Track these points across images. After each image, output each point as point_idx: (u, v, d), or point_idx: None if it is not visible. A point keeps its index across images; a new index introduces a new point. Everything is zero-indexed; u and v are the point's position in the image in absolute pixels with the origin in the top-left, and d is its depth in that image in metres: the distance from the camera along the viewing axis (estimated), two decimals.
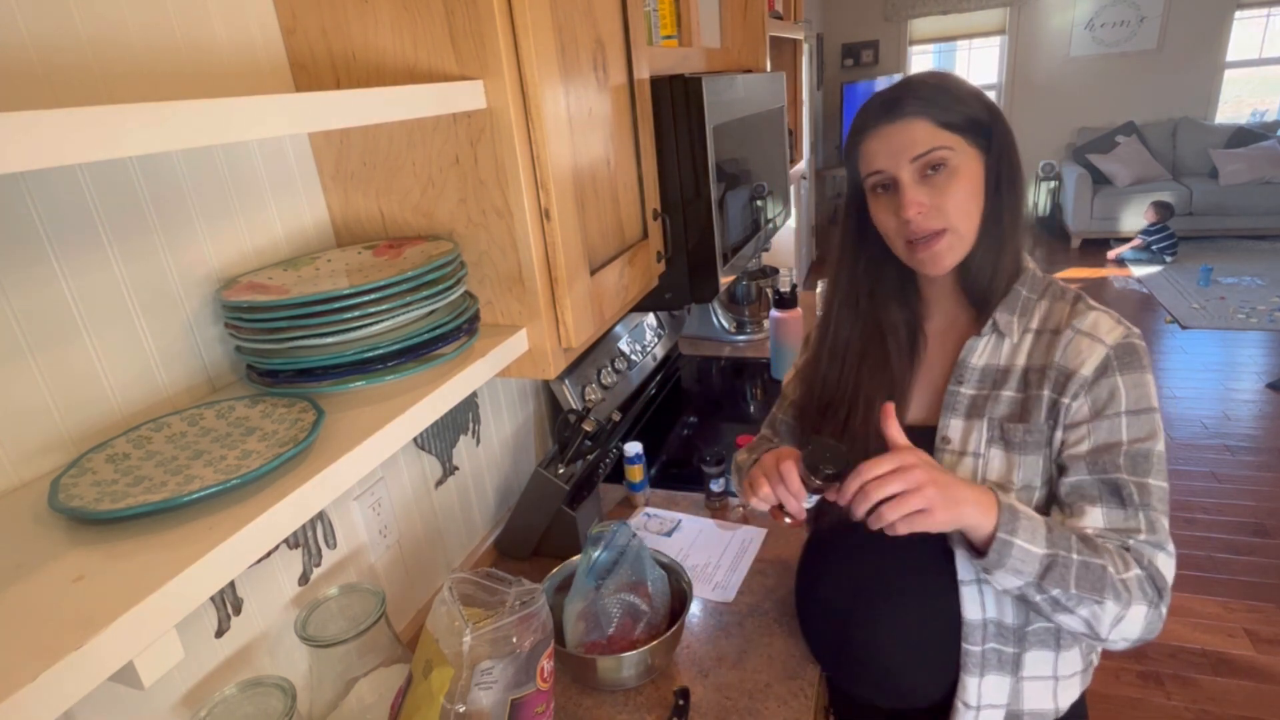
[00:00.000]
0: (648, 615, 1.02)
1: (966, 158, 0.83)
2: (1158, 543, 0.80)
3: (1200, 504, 2.78)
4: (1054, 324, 0.86)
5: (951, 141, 0.82)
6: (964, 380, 0.88)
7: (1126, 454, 0.80)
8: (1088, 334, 0.83)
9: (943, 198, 0.82)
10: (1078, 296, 0.87)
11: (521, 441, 1.47)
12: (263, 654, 0.88)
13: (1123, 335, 0.82)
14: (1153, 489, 0.80)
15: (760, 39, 1.94)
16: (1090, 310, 0.85)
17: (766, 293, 2.24)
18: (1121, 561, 0.79)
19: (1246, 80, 6.22)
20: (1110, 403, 0.81)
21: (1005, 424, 0.85)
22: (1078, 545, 0.78)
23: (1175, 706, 1.99)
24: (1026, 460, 0.84)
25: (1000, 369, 0.87)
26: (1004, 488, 0.84)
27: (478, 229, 0.86)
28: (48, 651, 0.41)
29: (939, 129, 0.82)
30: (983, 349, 0.89)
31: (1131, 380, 0.81)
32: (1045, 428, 0.84)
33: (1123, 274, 5.43)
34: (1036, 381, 0.85)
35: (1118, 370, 0.81)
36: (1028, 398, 0.85)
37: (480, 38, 0.77)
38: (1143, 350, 0.82)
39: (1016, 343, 0.87)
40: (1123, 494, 0.80)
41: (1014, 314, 0.87)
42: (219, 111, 0.50)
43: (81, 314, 0.65)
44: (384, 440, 0.66)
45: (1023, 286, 0.88)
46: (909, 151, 0.82)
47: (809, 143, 5.44)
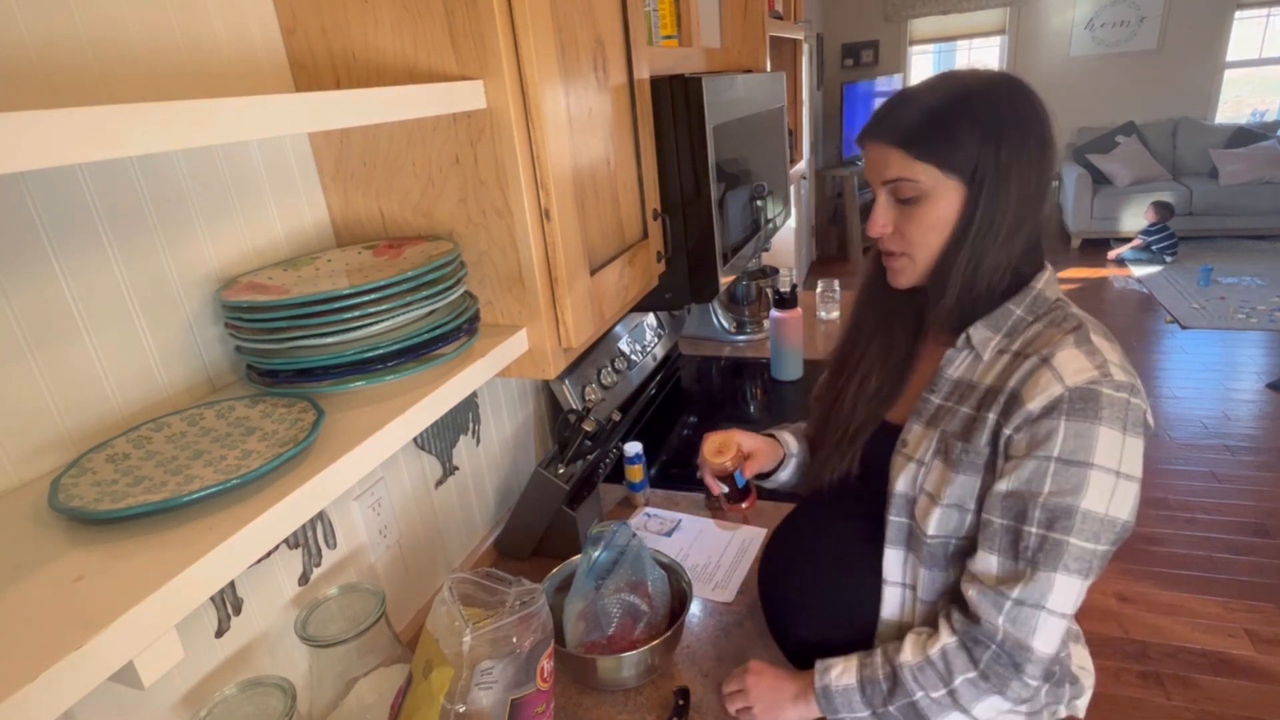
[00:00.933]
0: (648, 615, 1.02)
1: (941, 188, 0.80)
2: (1032, 600, 0.76)
3: (1200, 504, 2.78)
4: (1033, 350, 0.80)
5: (921, 173, 0.80)
6: (936, 389, 0.88)
7: (1043, 506, 0.75)
8: (1053, 369, 0.77)
9: (906, 223, 0.84)
10: (1076, 328, 0.80)
11: (521, 441, 1.47)
12: (263, 654, 0.88)
13: (1088, 380, 0.75)
14: (1064, 546, 0.75)
15: (760, 39, 1.94)
16: (1073, 346, 0.78)
17: (766, 293, 2.24)
18: (944, 670, 0.80)
19: (1246, 80, 6.22)
20: (1043, 444, 0.75)
21: (950, 439, 0.84)
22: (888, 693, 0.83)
23: (1175, 706, 1.99)
24: (960, 479, 0.82)
25: (969, 384, 0.85)
26: (934, 499, 0.84)
27: (478, 229, 0.86)
28: (48, 651, 0.41)
29: (910, 160, 0.80)
30: (960, 361, 0.87)
31: (1075, 429, 0.74)
32: (985, 451, 0.81)
33: (1123, 274, 5.43)
34: (988, 403, 0.81)
35: (1064, 415, 0.75)
36: (976, 418, 0.82)
37: (480, 38, 0.77)
38: (1106, 401, 0.74)
39: (989, 361, 0.84)
40: (1018, 546, 0.77)
41: (996, 332, 0.84)
42: (219, 111, 0.50)
43: (81, 314, 0.65)
44: (384, 440, 0.66)
45: (1017, 306, 0.84)
46: (880, 174, 0.83)
47: (809, 143, 5.45)
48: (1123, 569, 2.49)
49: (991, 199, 0.79)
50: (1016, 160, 0.78)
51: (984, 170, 0.78)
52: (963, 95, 0.79)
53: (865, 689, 0.85)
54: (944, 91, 0.80)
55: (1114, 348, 0.79)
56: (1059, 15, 6.22)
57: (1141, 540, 2.62)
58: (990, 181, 0.79)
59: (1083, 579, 0.76)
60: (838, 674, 0.87)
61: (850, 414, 0.97)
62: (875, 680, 0.84)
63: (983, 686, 0.79)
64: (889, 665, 0.84)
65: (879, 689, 0.84)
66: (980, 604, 0.79)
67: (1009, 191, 0.79)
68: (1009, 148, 0.78)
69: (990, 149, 0.78)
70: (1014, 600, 0.77)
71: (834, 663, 0.88)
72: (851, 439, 0.96)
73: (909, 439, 0.89)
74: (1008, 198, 0.79)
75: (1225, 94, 6.16)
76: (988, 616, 0.78)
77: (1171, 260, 5.47)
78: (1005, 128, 0.78)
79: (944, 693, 0.80)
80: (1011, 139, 0.78)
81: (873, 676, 0.85)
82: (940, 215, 0.81)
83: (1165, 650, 2.16)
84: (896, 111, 0.82)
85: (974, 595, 0.80)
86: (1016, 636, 0.77)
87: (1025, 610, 0.77)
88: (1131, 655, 2.15)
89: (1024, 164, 0.79)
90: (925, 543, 0.85)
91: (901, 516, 0.89)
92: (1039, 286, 0.85)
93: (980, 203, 0.79)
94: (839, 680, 0.86)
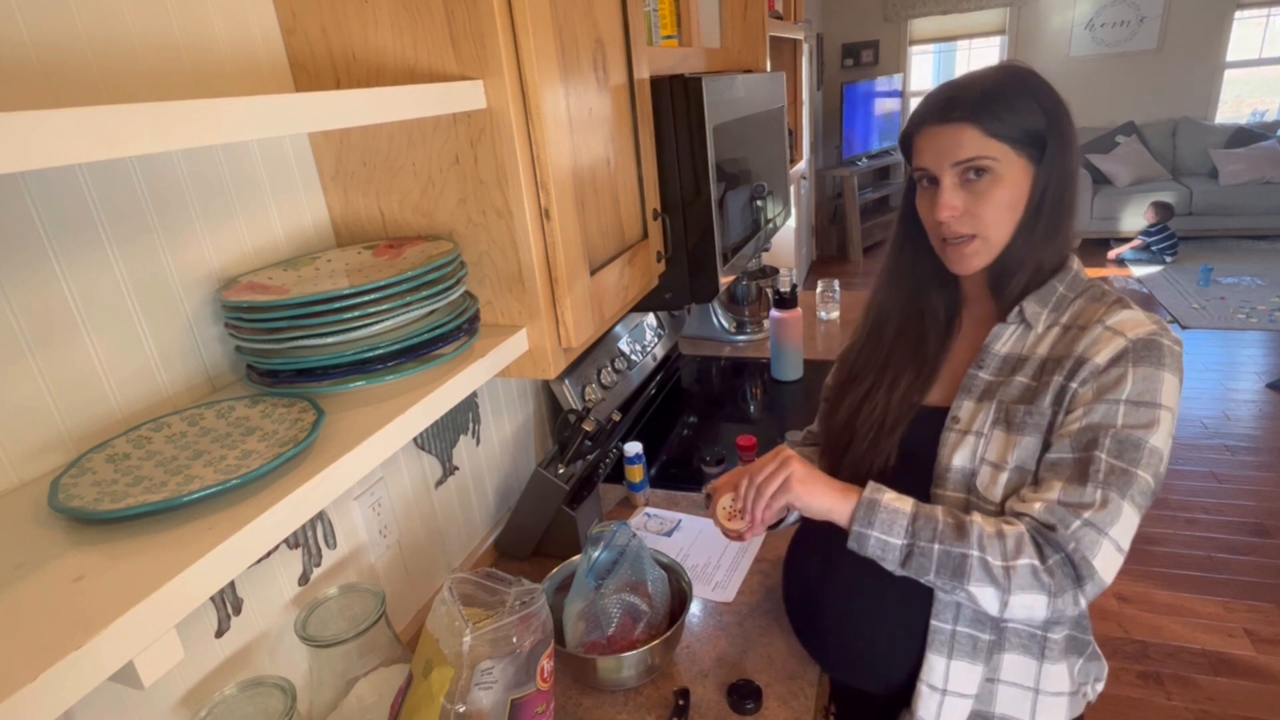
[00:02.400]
0: (648, 615, 1.02)
1: (1013, 168, 0.83)
2: (1101, 524, 0.77)
3: (1200, 504, 2.78)
4: (1084, 320, 0.85)
5: (997, 151, 0.83)
6: (984, 365, 0.90)
7: (1114, 437, 0.79)
8: (1113, 328, 0.82)
9: (979, 204, 0.85)
10: (1119, 299, 0.86)
11: (521, 441, 1.47)
12: (263, 654, 0.88)
13: (1149, 332, 0.81)
14: (1133, 477, 0.78)
15: (760, 39, 1.94)
16: (1124, 310, 0.84)
17: (766, 293, 2.24)
18: (1012, 547, 0.79)
19: (1246, 80, 6.22)
20: (1114, 389, 0.80)
21: (1010, 406, 0.86)
22: (942, 533, 0.81)
23: (1175, 706, 1.99)
24: (1024, 441, 0.84)
25: (1020, 357, 0.88)
26: (1000, 466, 0.85)
27: (478, 229, 0.86)
28: (48, 651, 0.41)
29: (987, 138, 0.82)
30: (1008, 336, 0.90)
31: (1143, 373, 0.79)
32: (1049, 411, 0.84)
33: (1123, 274, 5.43)
34: (1052, 369, 0.85)
35: (1131, 361, 0.80)
36: (1040, 384, 0.85)
37: (480, 38, 0.77)
38: (1168, 350, 0.80)
39: (1041, 334, 0.88)
40: (1089, 469, 0.79)
41: (1045, 306, 0.88)
42: (219, 111, 0.50)
43: (81, 314, 0.65)
44: (384, 440, 0.66)
45: (1060, 283, 0.89)
46: (952, 155, 0.84)
47: (809, 143, 5.44)
48: (1123, 569, 2.49)
49: (1059, 176, 0.84)
50: (1068, 142, 0.85)
51: (1052, 148, 0.83)
52: (1021, 79, 0.85)
53: (919, 520, 0.83)
54: (1005, 78, 0.84)
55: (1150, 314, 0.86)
56: (1059, 15, 6.22)
57: (1141, 540, 2.61)
58: (1056, 159, 0.84)
59: (1139, 513, 0.79)
60: (892, 497, 0.85)
61: (884, 410, 0.97)
62: (933, 519, 0.82)
63: (1043, 580, 0.78)
64: (954, 517, 0.83)
65: (933, 526, 0.82)
66: (1051, 516, 0.79)
67: (1069, 170, 0.85)
68: (1066, 128, 0.84)
69: (1055, 128, 0.83)
70: (1084, 521, 0.78)
71: (889, 490, 0.86)
72: (889, 431, 0.95)
73: (961, 415, 0.89)
74: (1069, 175, 0.85)
75: (1225, 94, 6.16)
76: (1060, 525, 0.78)
77: (1171, 260, 5.47)
78: (1062, 113, 0.84)
79: (1001, 565, 0.79)
80: (1064, 121, 0.84)
81: (931, 515, 0.83)
82: (1014, 193, 0.84)
83: (1165, 650, 2.16)
84: (965, 94, 0.84)
85: (1041, 509, 0.79)
86: (1084, 552, 0.78)
87: (1093, 533, 0.77)
88: (1131, 655, 2.16)
89: (1072, 146, 0.85)
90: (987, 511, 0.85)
91: (957, 492, 0.88)
92: (1075, 267, 0.90)
93: (1050, 180, 0.84)
94: (893, 502, 0.85)
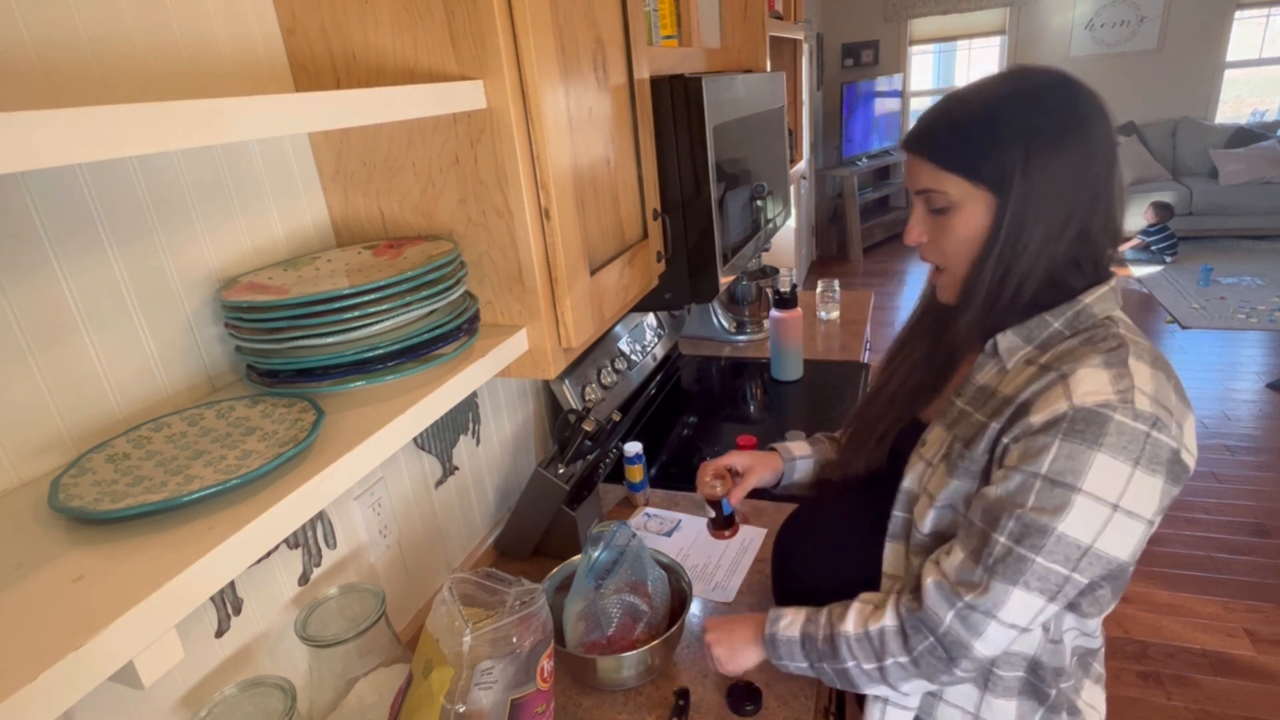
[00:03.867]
0: (648, 615, 1.02)
1: (970, 200, 0.79)
2: (985, 608, 0.75)
3: (1200, 504, 2.78)
4: (1060, 363, 0.76)
5: (950, 185, 0.79)
6: (963, 393, 0.88)
7: (1019, 519, 0.73)
8: (1068, 384, 0.73)
9: (940, 235, 0.84)
10: (1116, 349, 0.74)
11: (521, 441, 1.47)
12: (263, 654, 0.88)
13: (1099, 403, 0.71)
14: (1028, 564, 0.73)
15: (760, 39, 1.94)
16: (1099, 366, 0.73)
17: (766, 293, 2.24)
18: (879, 647, 0.83)
19: (1246, 80, 6.22)
20: (1034, 460, 0.73)
21: (956, 442, 0.84)
22: (824, 653, 0.87)
23: (1175, 706, 1.99)
24: (954, 484, 0.83)
25: (989, 391, 0.83)
26: (932, 499, 0.85)
27: (478, 229, 0.86)
28: (48, 651, 0.41)
29: (938, 171, 0.80)
30: (989, 368, 0.85)
31: (1068, 449, 0.71)
32: (981, 458, 0.80)
33: (1123, 274, 5.43)
34: (998, 413, 0.80)
35: (1061, 433, 0.71)
36: (984, 425, 0.81)
37: (480, 38, 0.77)
38: (1115, 428, 0.70)
39: (1014, 370, 0.81)
40: (983, 550, 0.76)
41: (1028, 342, 0.81)
42: (219, 111, 0.50)
43: (81, 314, 0.65)
44: (384, 440, 0.66)
45: (1056, 319, 0.80)
46: (914, 184, 0.84)
47: (809, 143, 5.44)
48: None
49: (1021, 208, 0.76)
50: (1048, 167, 0.75)
51: (1012, 179, 0.76)
52: (993, 102, 0.78)
53: (805, 644, 0.88)
54: (975, 100, 0.79)
55: (1155, 375, 0.73)
56: (1059, 15, 6.22)
57: None
58: (1019, 191, 0.76)
59: (1046, 600, 0.74)
60: (785, 624, 0.91)
61: (885, 409, 0.99)
62: (814, 638, 0.87)
63: (911, 671, 0.82)
64: (830, 628, 0.87)
65: (817, 648, 0.87)
66: (932, 595, 0.79)
67: (1040, 200, 0.76)
68: (1040, 155, 0.75)
69: (1019, 157, 0.75)
70: (966, 604, 0.77)
71: (784, 613, 0.92)
72: (882, 435, 0.99)
73: (928, 439, 0.90)
74: (1040, 205, 0.76)
75: (1225, 94, 6.16)
76: (935, 609, 0.79)
77: (1171, 260, 5.47)
78: (1035, 135, 0.75)
79: (875, 667, 0.83)
80: (1042, 147, 0.75)
81: (813, 634, 0.88)
82: (972, 227, 0.80)
83: (1165, 650, 2.16)
84: (930, 121, 0.82)
85: (930, 585, 0.80)
86: (961, 635, 0.77)
87: (976, 615, 0.76)
88: (1131, 655, 2.16)
89: (1058, 171, 0.76)
90: (919, 539, 0.87)
91: (904, 512, 0.90)
92: (1087, 301, 0.80)
93: (1008, 212, 0.77)
94: (785, 630, 0.90)
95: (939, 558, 0.82)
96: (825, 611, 0.89)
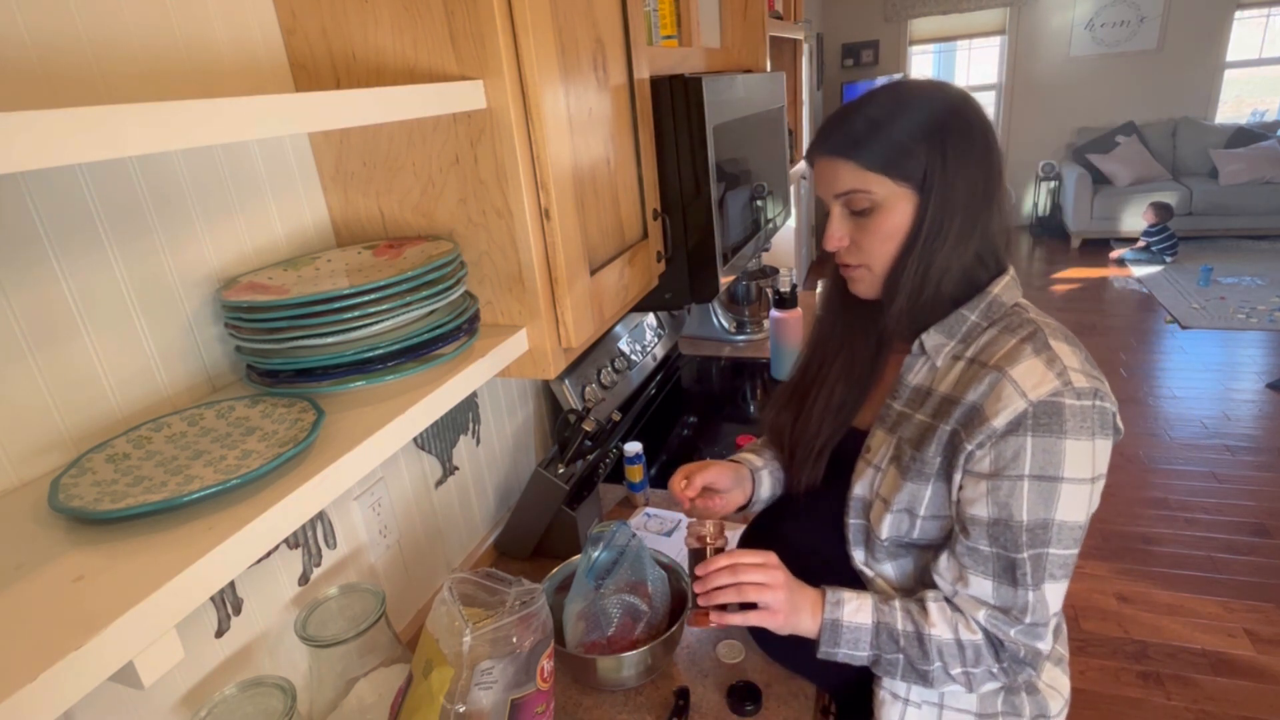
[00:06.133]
0: (648, 615, 1.02)
1: (893, 197, 0.81)
2: (1039, 619, 0.80)
3: (1200, 504, 2.78)
4: (988, 356, 0.80)
5: (874, 184, 0.81)
6: (898, 395, 0.90)
7: (1027, 530, 0.77)
8: (1014, 382, 0.77)
9: (862, 235, 0.85)
10: (1033, 334, 0.80)
11: (521, 441, 1.47)
12: (263, 654, 0.88)
13: (1050, 393, 0.75)
14: (1049, 558, 0.78)
15: (760, 39, 1.94)
16: (1031, 355, 0.77)
17: (766, 293, 2.24)
18: (971, 656, 0.82)
19: (1246, 80, 6.22)
20: (1013, 463, 0.76)
21: (903, 445, 0.86)
22: (905, 647, 0.83)
23: (1175, 706, 1.99)
24: (908, 486, 0.84)
25: (926, 390, 0.86)
26: (887, 504, 0.86)
27: (478, 229, 0.86)
28: (48, 651, 0.41)
29: (861, 170, 0.81)
30: (919, 368, 0.88)
31: (1042, 444, 0.75)
32: (935, 460, 0.82)
33: (1123, 274, 5.43)
34: (944, 413, 0.82)
35: (1030, 430, 0.75)
36: (931, 426, 0.83)
37: (480, 38, 0.77)
38: (1070, 412, 0.75)
39: (942, 367, 0.85)
40: (1016, 574, 0.79)
41: (950, 338, 0.85)
42: (219, 111, 0.50)
43: (81, 314, 0.65)
44: (384, 440, 0.66)
45: (971, 311, 0.84)
46: (833, 187, 0.85)
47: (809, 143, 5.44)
48: (1123, 569, 2.49)
49: (940, 204, 0.80)
50: (963, 165, 0.80)
51: (932, 176, 0.80)
52: (905, 105, 0.82)
53: (879, 633, 0.84)
54: (886, 103, 0.82)
55: (1075, 351, 0.79)
56: (1059, 15, 6.22)
57: (1141, 540, 2.62)
58: (939, 187, 0.80)
59: (1067, 578, 0.80)
60: (852, 610, 0.85)
61: (818, 428, 0.98)
62: (893, 631, 0.84)
63: (1000, 678, 0.84)
64: (913, 625, 0.83)
65: (895, 640, 0.84)
66: (996, 628, 0.81)
67: (956, 196, 0.80)
68: (954, 153, 0.80)
69: (937, 155, 0.79)
70: (1025, 627, 0.80)
71: (846, 596, 0.86)
72: (820, 453, 0.98)
73: (872, 445, 0.91)
74: (955, 202, 0.80)
75: (1225, 94, 6.16)
76: (1004, 635, 0.81)
77: (1171, 260, 5.47)
78: (948, 134, 0.80)
79: (962, 672, 0.83)
80: (956, 144, 0.80)
81: (892, 626, 0.84)
82: (894, 224, 0.82)
83: (1165, 650, 2.16)
84: (843, 125, 0.83)
85: (986, 620, 0.82)
86: (1033, 646, 0.81)
87: (1038, 628, 0.81)
88: (1131, 655, 2.16)
89: (970, 168, 0.80)
90: (880, 543, 0.88)
91: (859, 519, 0.91)
92: (995, 291, 0.84)
93: (929, 208, 0.80)
94: (853, 617, 0.85)
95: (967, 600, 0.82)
96: (897, 601, 0.85)
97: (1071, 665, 0.98)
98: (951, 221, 0.81)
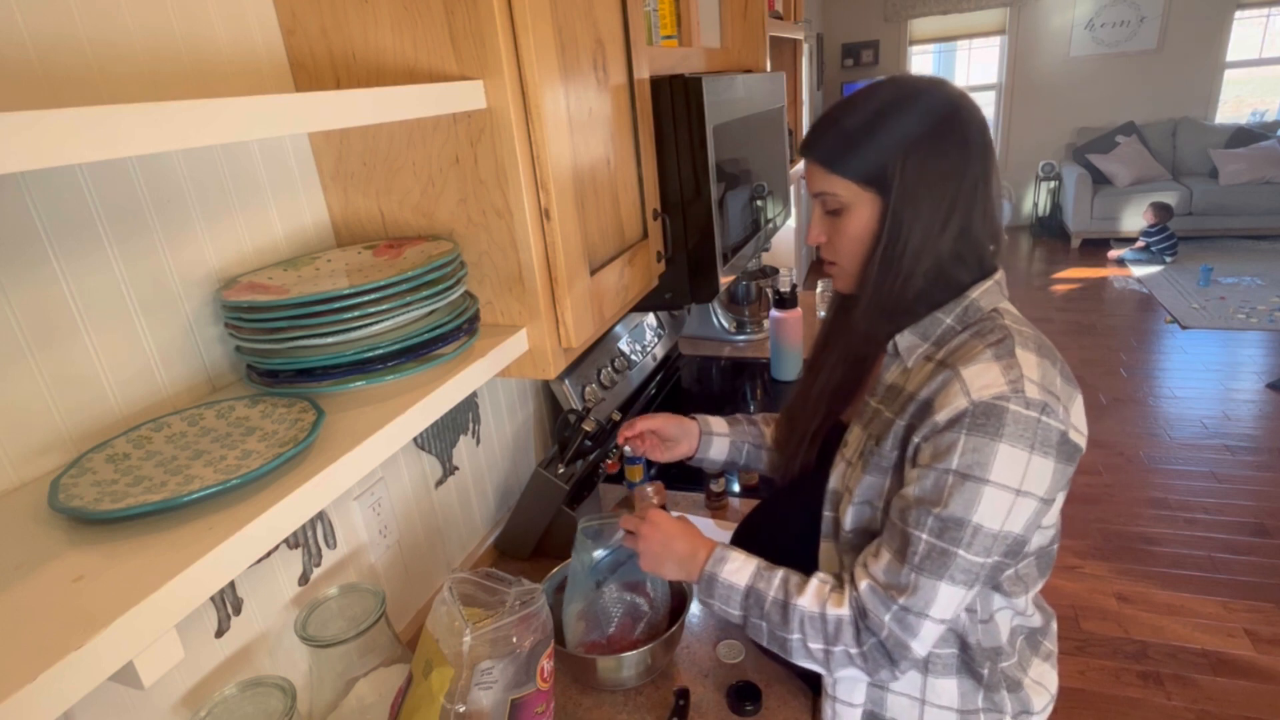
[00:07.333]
0: (648, 615, 1.02)
1: (859, 201, 0.83)
2: (917, 608, 0.78)
3: (1200, 504, 2.78)
4: (955, 359, 0.80)
5: (839, 187, 0.83)
6: (875, 393, 0.91)
7: (937, 515, 0.76)
8: (965, 381, 0.77)
9: (834, 235, 0.88)
10: (1001, 340, 0.79)
11: (521, 441, 1.47)
12: (263, 654, 0.88)
13: (994, 396, 0.74)
14: (952, 557, 0.76)
15: (760, 39, 1.94)
16: (990, 359, 0.77)
17: (766, 293, 2.24)
18: (832, 631, 0.81)
19: (1246, 80, 6.22)
20: (944, 456, 0.76)
21: (869, 440, 0.88)
22: (769, 613, 0.84)
23: (1175, 706, 1.99)
24: (867, 479, 0.86)
25: (897, 389, 0.87)
26: (850, 496, 0.88)
27: (478, 229, 0.86)
28: (48, 651, 0.41)
29: (829, 174, 0.84)
30: (895, 368, 0.89)
31: (973, 443, 0.74)
32: (891, 455, 0.84)
33: (1123, 274, 5.43)
34: (904, 409, 0.83)
35: (965, 428, 0.75)
36: (890, 421, 0.85)
37: (480, 38, 0.77)
38: (1012, 418, 0.74)
39: (915, 368, 0.85)
40: (908, 550, 0.78)
41: (925, 340, 0.85)
42: (219, 111, 0.50)
43: (81, 314, 0.65)
44: (384, 440, 0.66)
45: (947, 315, 0.84)
46: (811, 187, 0.88)
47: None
48: (1123, 569, 2.49)
49: (901, 209, 0.81)
50: (929, 169, 0.80)
51: (892, 181, 0.80)
52: (877, 108, 0.82)
53: (749, 597, 0.86)
54: (861, 106, 0.83)
55: (1041, 364, 0.77)
56: (1059, 15, 6.22)
57: (1141, 540, 2.62)
58: (898, 191, 0.80)
59: (968, 589, 0.78)
60: (731, 569, 0.88)
61: (812, 411, 1.01)
62: (763, 597, 0.85)
63: (857, 663, 0.82)
64: (785, 595, 0.84)
65: (762, 606, 0.85)
66: (869, 599, 0.80)
67: (918, 199, 0.80)
68: (920, 157, 0.79)
69: (898, 160, 0.80)
70: (900, 608, 0.78)
71: (732, 556, 0.89)
72: (811, 436, 1.01)
73: (849, 440, 0.93)
74: (917, 205, 0.80)
75: (1225, 94, 6.17)
76: (875, 613, 0.80)
77: (1171, 260, 5.47)
78: (912, 139, 0.80)
79: (821, 649, 0.83)
80: (923, 149, 0.79)
81: (763, 592, 0.85)
82: (860, 226, 0.84)
83: (1165, 650, 2.16)
84: (820, 128, 0.86)
85: (865, 590, 0.81)
86: (900, 636, 0.79)
87: (910, 617, 0.78)
88: (1131, 655, 2.16)
89: (938, 173, 0.80)
90: (845, 536, 0.89)
91: (832, 511, 0.93)
92: (974, 295, 0.84)
93: (889, 211, 0.81)
94: (729, 575, 0.87)
95: (866, 560, 0.83)
96: (780, 574, 0.87)
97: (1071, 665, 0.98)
98: (915, 223, 0.81)
